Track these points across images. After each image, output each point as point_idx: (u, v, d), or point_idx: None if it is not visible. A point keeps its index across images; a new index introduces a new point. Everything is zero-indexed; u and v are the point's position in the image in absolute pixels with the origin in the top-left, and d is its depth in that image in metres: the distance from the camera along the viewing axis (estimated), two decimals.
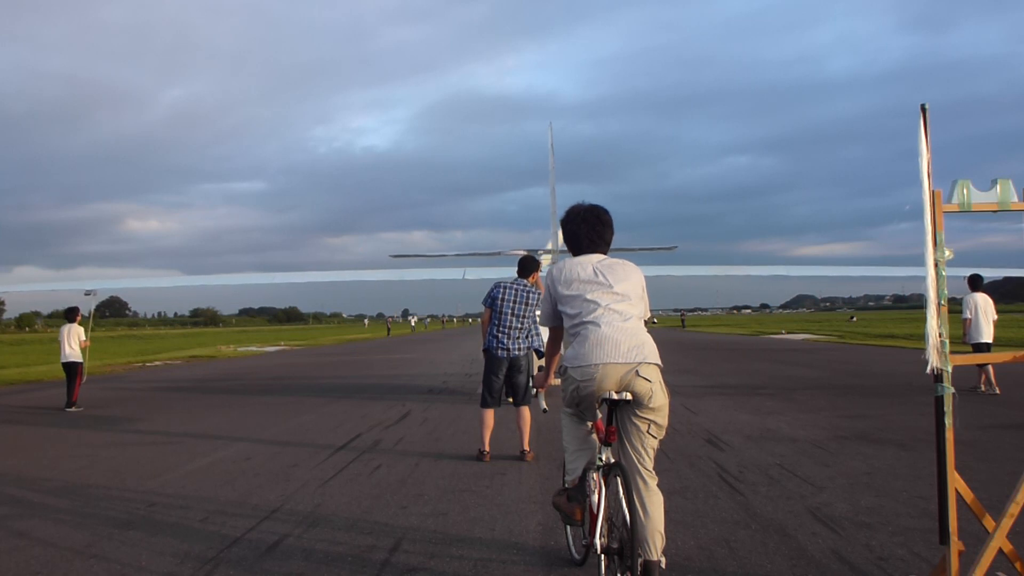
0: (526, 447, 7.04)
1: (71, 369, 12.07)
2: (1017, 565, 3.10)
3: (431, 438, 8.41)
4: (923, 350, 2.97)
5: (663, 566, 3.36)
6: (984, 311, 11.54)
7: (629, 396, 3.36)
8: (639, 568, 3.20)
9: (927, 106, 3.00)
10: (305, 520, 5.03)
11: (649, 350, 3.41)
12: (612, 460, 3.47)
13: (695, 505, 5.21)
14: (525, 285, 6.93)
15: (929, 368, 2.98)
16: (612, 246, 3.78)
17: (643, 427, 3.42)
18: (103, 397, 14.47)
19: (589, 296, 3.51)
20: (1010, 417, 9.08)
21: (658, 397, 3.38)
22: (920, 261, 2.98)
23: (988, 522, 3.07)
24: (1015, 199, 3.14)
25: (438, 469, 6.67)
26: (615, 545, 3.36)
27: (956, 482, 3.01)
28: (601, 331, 3.41)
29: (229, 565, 4.14)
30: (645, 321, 3.62)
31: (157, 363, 26.83)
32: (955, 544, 2.99)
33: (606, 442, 3.46)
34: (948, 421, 2.99)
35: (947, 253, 2.99)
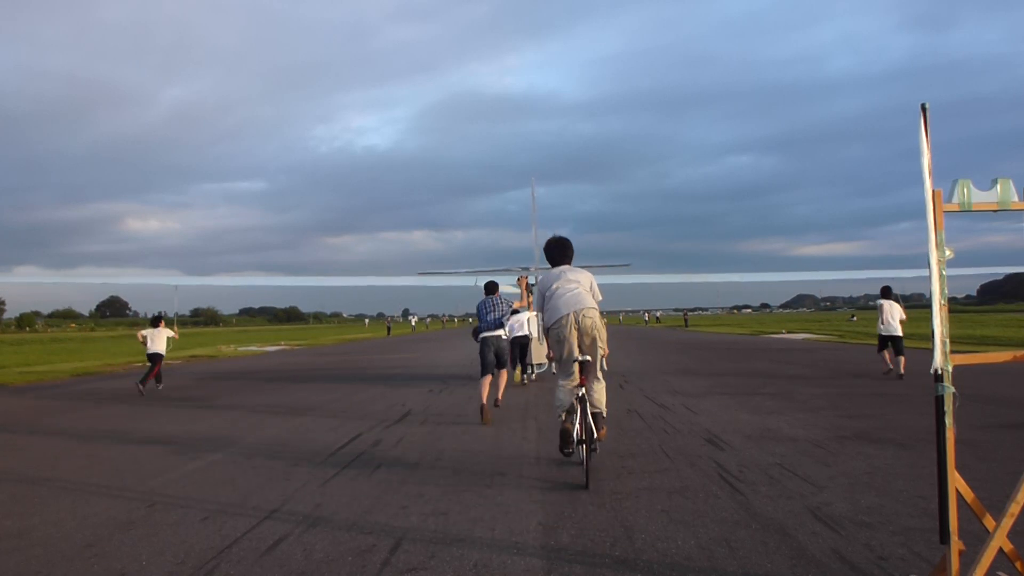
0: (499, 397, 10.70)
1: (155, 359, 15.42)
2: (1018, 565, 3.10)
3: (431, 437, 8.42)
4: (923, 350, 2.98)
5: (604, 416, 6.51)
6: (890, 312, 14.49)
7: (589, 358, 6.32)
8: (590, 418, 6.14)
9: (927, 105, 3.00)
10: (305, 520, 5.04)
11: (589, 303, 6.39)
12: (582, 395, 6.24)
13: (695, 505, 5.21)
14: (492, 298, 10.74)
15: (932, 368, 2.98)
16: (578, 262, 6.89)
17: (598, 343, 6.35)
18: (103, 396, 14.47)
19: (560, 287, 6.51)
20: (1010, 417, 9.08)
21: (598, 325, 6.39)
22: (918, 261, 2.99)
23: (988, 522, 3.07)
24: (1015, 199, 3.14)
25: (438, 468, 6.67)
26: (584, 437, 6.10)
27: (956, 481, 3.01)
28: (563, 298, 6.42)
29: (229, 565, 4.15)
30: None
31: None
32: (955, 544, 2.99)
33: (580, 385, 6.29)
34: (948, 421, 2.99)
35: (947, 253, 2.99)
